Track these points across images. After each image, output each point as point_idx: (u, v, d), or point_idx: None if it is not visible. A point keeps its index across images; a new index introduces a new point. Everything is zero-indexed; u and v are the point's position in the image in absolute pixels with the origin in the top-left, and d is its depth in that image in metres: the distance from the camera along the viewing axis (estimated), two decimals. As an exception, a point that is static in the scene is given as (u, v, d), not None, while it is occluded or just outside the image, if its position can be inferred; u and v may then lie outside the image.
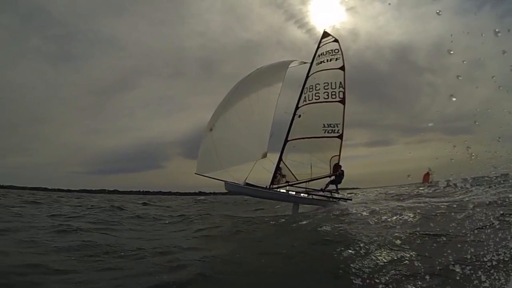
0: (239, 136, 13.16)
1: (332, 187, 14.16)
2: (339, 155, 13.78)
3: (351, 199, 14.32)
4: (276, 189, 13.84)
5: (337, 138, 13.70)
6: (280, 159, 13.95)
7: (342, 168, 14.13)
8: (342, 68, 13.92)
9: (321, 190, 14.17)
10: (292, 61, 14.40)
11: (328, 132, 13.71)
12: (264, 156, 13.06)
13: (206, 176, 13.80)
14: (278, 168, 13.94)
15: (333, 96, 13.75)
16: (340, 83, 13.80)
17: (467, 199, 12.35)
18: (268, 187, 13.89)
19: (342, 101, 13.72)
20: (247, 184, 13.79)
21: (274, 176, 13.93)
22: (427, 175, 47.56)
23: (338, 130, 13.69)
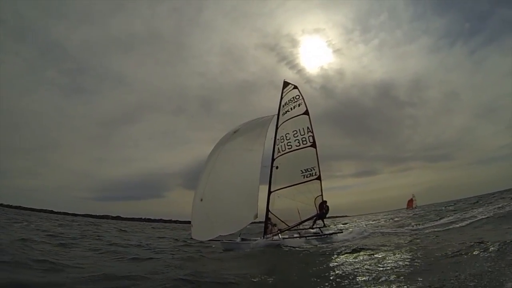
0: (230, 203, 13.58)
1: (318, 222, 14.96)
2: (322, 194, 14.44)
3: (341, 232, 14.98)
4: (270, 238, 14.58)
5: (316, 180, 14.35)
6: (268, 210, 14.65)
7: (327, 204, 14.88)
8: (306, 112, 14.54)
9: (310, 228, 14.94)
10: (269, 120, 14.83)
11: (306, 177, 14.39)
12: (256, 217, 13.63)
13: (203, 241, 14.67)
14: (267, 219, 14.66)
15: (304, 142, 14.38)
16: (308, 127, 14.43)
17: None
18: (262, 238, 14.64)
19: (313, 145, 14.37)
20: (242, 239, 14.64)
21: (266, 227, 14.68)
22: (411, 201, 48.58)
23: (316, 172, 14.36)
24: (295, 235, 15.05)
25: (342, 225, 26.82)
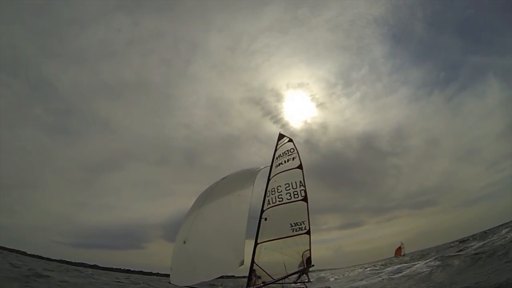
0: (214, 247, 13.36)
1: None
2: (310, 249, 14.39)
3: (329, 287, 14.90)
4: None
5: (305, 235, 14.32)
6: (253, 261, 14.40)
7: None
8: (300, 166, 14.70)
9: (294, 282, 14.78)
10: (260, 169, 15.06)
11: (296, 231, 14.33)
12: (241, 264, 13.31)
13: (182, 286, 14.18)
14: (252, 270, 14.38)
15: (296, 196, 14.44)
16: (300, 181, 14.54)
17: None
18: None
19: (305, 199, 14.42)
20: None
21: (250, 279, 14.38)
22: (399, 249, 50.37)
23: (305, 227, 14.33)
24: None
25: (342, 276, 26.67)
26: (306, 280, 14.70)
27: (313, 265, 14.46)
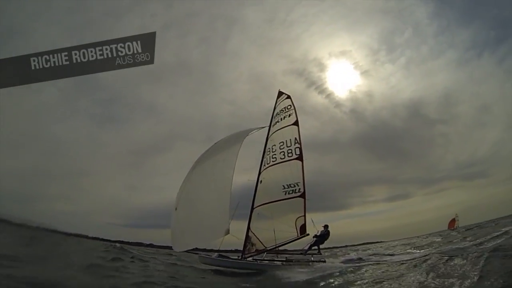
0: (201, 214, 12.84)
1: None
2: (304, 215, 12.55)
3: (324, 261, 12.35)
4: (247, 259, 13.16)
5: (299, 198, 12.62)
6: (248, 228, 13.37)
7: (328, 228, 12.90)
8: (296, 123, 13.35)
9: (301, 253, 12.96)
10: (251, 130, 14.15)
11: (288, 193, 12.86)
12: (227, 233, 12.51)
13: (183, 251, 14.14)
14: (247, 237, 13.35)
15: (289, 154, 13.05)
16: (295, 139, 13.13)
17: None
18: (240, 257, 13.33)
19: (299, 158, 12.90)
20: (220, 256, 13.64)
21: (245, 246, 13.35)
22: (453, 221, 43.46)
23: (299, 189, 12.69)
24: (276, 260, 13.14)
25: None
26: (317, 252, 12.75)
27: (307, 234, 12.50)
